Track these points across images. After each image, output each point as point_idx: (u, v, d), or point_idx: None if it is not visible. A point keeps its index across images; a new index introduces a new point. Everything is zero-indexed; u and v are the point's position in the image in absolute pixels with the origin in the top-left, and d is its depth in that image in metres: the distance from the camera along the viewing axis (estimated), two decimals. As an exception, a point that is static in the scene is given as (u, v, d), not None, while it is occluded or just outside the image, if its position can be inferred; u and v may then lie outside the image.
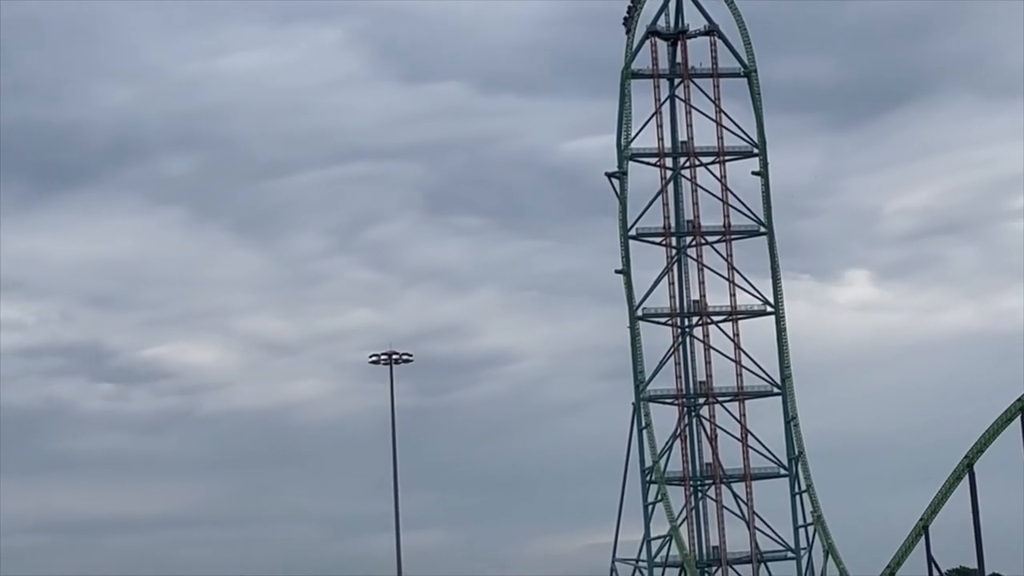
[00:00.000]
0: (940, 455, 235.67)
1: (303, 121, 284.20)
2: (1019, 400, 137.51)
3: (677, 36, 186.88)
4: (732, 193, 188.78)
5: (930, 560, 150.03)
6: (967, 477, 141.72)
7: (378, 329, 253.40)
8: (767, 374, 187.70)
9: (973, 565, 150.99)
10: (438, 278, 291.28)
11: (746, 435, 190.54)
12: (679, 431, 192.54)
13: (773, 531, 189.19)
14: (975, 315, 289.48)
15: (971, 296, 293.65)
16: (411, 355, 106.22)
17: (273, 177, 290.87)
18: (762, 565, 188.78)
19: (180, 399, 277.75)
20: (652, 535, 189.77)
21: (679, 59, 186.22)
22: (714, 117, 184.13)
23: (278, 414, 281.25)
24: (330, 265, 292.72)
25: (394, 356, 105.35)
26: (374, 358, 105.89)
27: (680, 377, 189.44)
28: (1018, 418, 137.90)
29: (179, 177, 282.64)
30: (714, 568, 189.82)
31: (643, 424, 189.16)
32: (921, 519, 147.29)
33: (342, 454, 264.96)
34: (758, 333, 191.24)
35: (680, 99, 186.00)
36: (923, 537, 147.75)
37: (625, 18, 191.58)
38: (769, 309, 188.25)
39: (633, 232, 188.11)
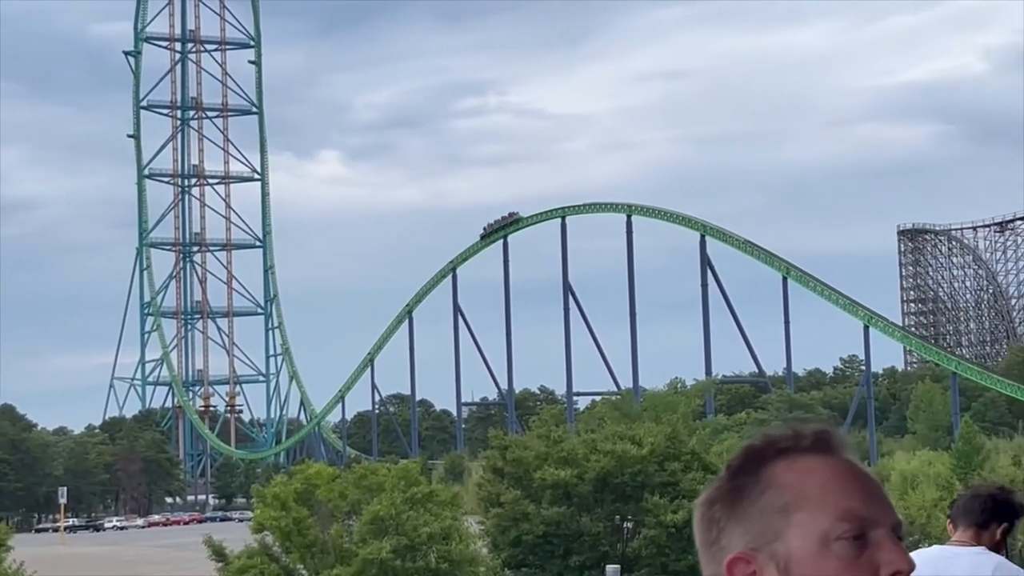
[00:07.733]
0: (388, 302, 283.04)
1: None
2: (451, 262, 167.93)
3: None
4: (231, 77, 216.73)
5: (373, 386, 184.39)
6: (407, 321, 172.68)
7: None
8: (251, 229, 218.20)
9: (407, 392, 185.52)
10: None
11: (231, 279, 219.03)
12: (175, 273, 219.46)
13: (249, 359, 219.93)
14: (420, 193, 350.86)
15: (419, 178, 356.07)
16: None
17: None
18: (239, 386, 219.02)
19: None
20: (147, 358, 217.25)
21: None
22: (218, 11, 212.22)
23: None
24: None
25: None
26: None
27: (179, 228, 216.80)
28: (449, 276, 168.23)
29: None
30: (198, 387, 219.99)
31: (144, 266, 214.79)
32: (369, 353, 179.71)
33: None
34: (246, 196, 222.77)
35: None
36: (369, 367, 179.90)
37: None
38: (256, 176, 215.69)
39: (145, 103, 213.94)
